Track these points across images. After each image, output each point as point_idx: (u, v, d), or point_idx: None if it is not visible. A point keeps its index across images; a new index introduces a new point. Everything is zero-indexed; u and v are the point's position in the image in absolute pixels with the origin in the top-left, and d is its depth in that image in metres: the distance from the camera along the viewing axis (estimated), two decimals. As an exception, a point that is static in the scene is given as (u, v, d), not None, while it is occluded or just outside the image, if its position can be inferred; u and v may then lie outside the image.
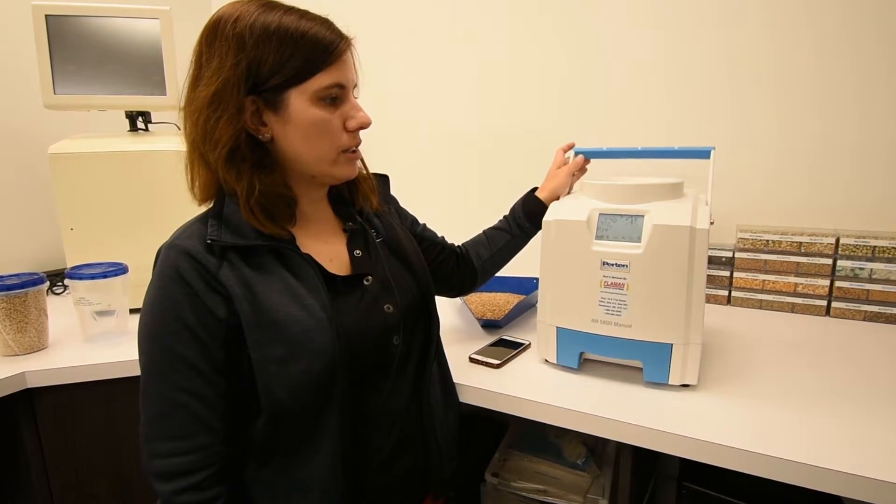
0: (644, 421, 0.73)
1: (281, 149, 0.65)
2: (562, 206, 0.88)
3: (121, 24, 1.22)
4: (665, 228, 0.77)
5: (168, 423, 0.62)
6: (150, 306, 0.63)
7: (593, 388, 0.83)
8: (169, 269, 0.62)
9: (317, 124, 0.64)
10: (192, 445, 0.63)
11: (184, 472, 0.62)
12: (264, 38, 0.61)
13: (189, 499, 0.62)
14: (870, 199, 1.16)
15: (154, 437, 0.63)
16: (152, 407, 0.63)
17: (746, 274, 1.21)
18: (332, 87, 0.64)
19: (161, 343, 0.62)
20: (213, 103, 0.61)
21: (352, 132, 0.68)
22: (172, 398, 0.62)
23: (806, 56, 1.17)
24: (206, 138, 0.62)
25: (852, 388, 0.82)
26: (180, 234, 0.66)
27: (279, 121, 0.64)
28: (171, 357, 0.62)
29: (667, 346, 0.79)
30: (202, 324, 0.62)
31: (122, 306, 1.06)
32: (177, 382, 0.62)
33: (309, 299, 0.64)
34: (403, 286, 0.76)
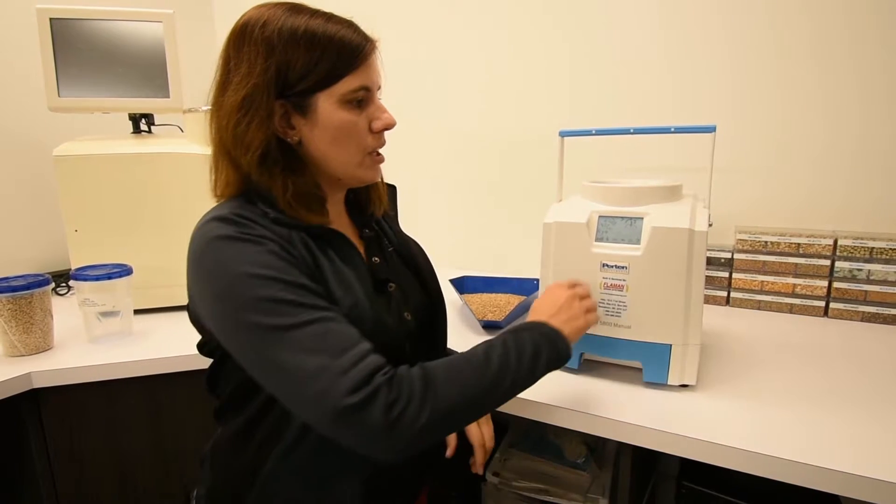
0: (643, 421, 0.74)
1: (308, 151, 0.66)
2: (562, 208, 0.89)
3: (124, 28, 1.22)
4: (664, 231, 0.78)
5: (334, 337, 0.55)
6: (251, 263, 0.56)
7: (593, 389, 0.84)
8: (244, 235, 0.58)
9: (344, 127, 0.65)
10: (366, 347, 0.57)
11: (378, 367, 0.55)
12: (292, 41, 0.61)
13: (391, 376, 0.55)
14: (868, 201, 1.17)
15: (323, 357, 0.54)
16: (302, 340, 0.54)
17: (745, 275, 1.22)
18: (359, 90, 0.64)
19: (280, 281, 0.56)
20: (243, 108, 0.61)
21: (377, 133, 0.68)
22: (320, 318, 0.56)
23: (806, 59, 1.18)
24: (237, 143, 0.62)
25: (850, 388, 0.83)
26: (228, 213, 0.61)
27: (307, 124, 0.64)
28: (296, 287, 0.57)
29: (666, 346, 0.80)
30: (301, 271, 0.60)
31: (127, 307, 1.07)
32: (315, 304, 0.57)
33: (359, 291, 0.65)
34: (416, 296, 0.77)
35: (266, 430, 0.65)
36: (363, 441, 0.53)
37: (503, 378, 0.61)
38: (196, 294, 0.62)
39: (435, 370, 0.58)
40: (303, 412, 0.55)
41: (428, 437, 0.55)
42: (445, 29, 1.55)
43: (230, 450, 0.69)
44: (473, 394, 0.58)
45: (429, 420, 0.54)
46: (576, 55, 1.40)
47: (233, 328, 0.57)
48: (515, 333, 0.66)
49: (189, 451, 1.05)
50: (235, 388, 0.67)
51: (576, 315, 0.72)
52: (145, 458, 1.03)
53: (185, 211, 1.20)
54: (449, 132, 1.60)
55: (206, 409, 1.04)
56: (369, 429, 0.52)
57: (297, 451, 0.65)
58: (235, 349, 0.58)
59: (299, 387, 0.53)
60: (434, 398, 0.55)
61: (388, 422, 0.52)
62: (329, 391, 0.52)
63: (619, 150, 1.37)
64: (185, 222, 1.18)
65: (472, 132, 1.57)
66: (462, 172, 1.61)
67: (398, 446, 0.54)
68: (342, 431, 0.53)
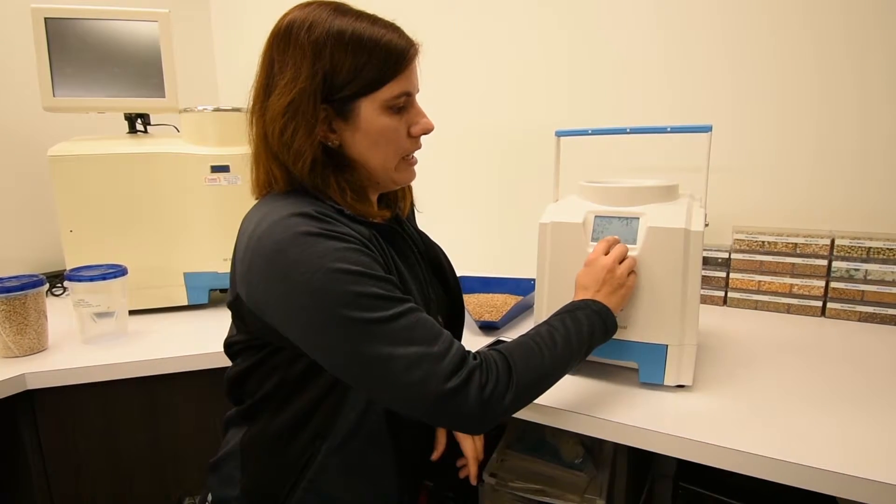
0: (639, 422, 0.73)
1: (348, 154, 0.66)
2: (558, 208, 0.89)
3: (120, 27, 1.22)
4: (660, 231, 0.78)
5: (423, 326, 0.58)
6: (341, 259, 0.57)
7: (589, 389, 0.84)
8: (331, 232, 0.59)
9: (385, 133, 0.65)
10: (450, 334, 0.60)
11: (466, 352, 0.60)
12: (339, 45, 0.60)
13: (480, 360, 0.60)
14: (865, 201, 1.17)
15: (420, 346, 0.56)
16: (398, 331, 0.56)
17: (742, 275, 1.22)
18: (402, 96, 0.65)
19: (370, 276, 0.57)
20: (289, 113, 0.61)
21: (415, 138, 0.69)
22: (408, 309, 0.58)
23: (804, 59, 1.18)
24: (285, 149, 0.62)
25: (847, 388, 0.82)
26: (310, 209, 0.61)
27: (348, 128, 0.64)
28: (383, 282, 0.58)
29: (662, 347, 0.80)
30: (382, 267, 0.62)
31: (122, 308, 1.07)
32: (401, 297, 0.59)
33: (415, 290, 0.69)
34: (441, 299, 0.79)
35: (318, 423, 0.66)
36: (460, 420, 0.57)
37: (567, 356, 0.65)
38: (264, 288, 0.59)
39: (513, 353, 0.62)
40: (401, 400, 0.57)
41: (511, 412, 0.61)
42: (444, 28, 1.55)
43: (272, 447, 0.68)
44: (545, 372, 0.63)
45: (514, 398, 0.59)
46: (575, 55, 1.40)
47: (322, 324, 0.56)
48: (571, 314, 0.70)
49: (186, 454, 1.05)
50: (277, 386, 0.66)
51: (620, 283, 0.75)
52: (141, 460, 1.03)
53: (181, 211, 1.21)
54: (446, 131, 1.60)
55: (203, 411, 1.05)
56: (467, 408, 0.56)
57: (348, 444, 0.66)
58: (320, 345, 0.58)
59: (401, 376, 0.55)
60: (517, 378, 0.60)
61: (482, 401, 0.57)
62: (431, 377, 0.55)
63: (618, 149, 1.36)
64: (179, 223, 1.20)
65: (470, 131, 1.56)
66: (459, 172, 1.60)
67: (488, 422, 0.58)
68: (441, 412, 0.56)
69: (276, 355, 0.65)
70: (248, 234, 0.61)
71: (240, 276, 0.63)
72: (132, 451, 1.02)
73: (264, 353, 0.66)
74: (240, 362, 0.70)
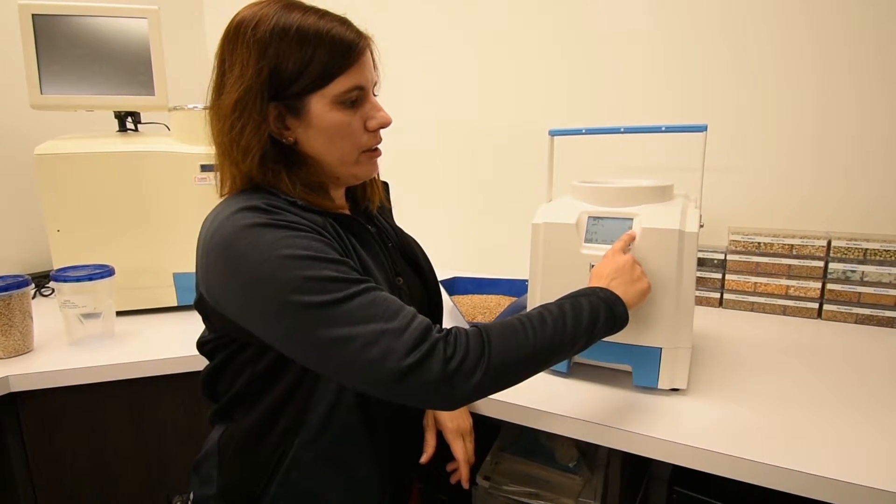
0: (632, 426, 0.72)
1: (304, 151, 0.66)
2: (551, 208, 0.87)
3: (108, 24, 1.20)
4: (653, 232, 0.77)
5: (382, 304, 0.56)
6: (289, 245, 0.56)
7: (583, 393, 0.83)
8: (279, 222, 0.58)
9: (338, 128, 0.64)
10: (412, 309, 0.58)
11: (430, 324, 0.57)
12: (285, 41, 0.60)
13: (445, 333, 0.57)
14: (862, 202, 1.16)
15: (378, 323, 0.55)
16: (354, 311, 0.55)
17: (738, 276, 1.21)
18: (353, 91, 0.64)
19: (322, 259, 0.57)
20: (237, 110, 0.61)
21: (372, 132, 0.68)
22: (364, 289, 0.57)
23: (802, 59, 1.16)
24: (234, 146, 0.63)
25: (844, 392, 0.81)
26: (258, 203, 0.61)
27: (301, 125, 0.64)
28: (337, 264, 0.57)
29: (656, 350, 0.79)
30: (337, 251, 0.61)
31: (108, 309, 1.05)
32: (357, 277, 0.58)
33: (380, 278, 0.67)
34: (418, 293, 0.77)
35: (289, 418, 0.65)
36: (423, 394, 0.55)
37: (558, 341, 0.62)
38: (219, 284, 0.60)
39: (490, 330, 0.59)
40: (364, 380, 0.55)
41: (482, 391, 0.57)
42: (438, 26, 1.54)
43: (246, 445, 0.68)
44: (526, 355, 0.59)
45: (484, 376, 0.56)
46: (570, 53, 1.38)
47: (276, 312, 0.56)
48: (573, 298, 0.67)
49: (173, 457, 1.03)
50: (247, 382, 0.66)
51: (637, 277, 0.73)
52: (127, 464, 1.01)
53: (171, 211, 1.19)
54: (441, 131, 1.59)
55: (191, 414, 1.04)
56: (429, 382, 0.54)
57: (321, 436, 0.65)
58: (278, 334, 0.57)
59: (360, 355, 0.54)
60: (489, 355, 0.57)
61: (447, 374, 0.54)
62: (390, 352, 0.54)
63: (615, 149, 1.35)
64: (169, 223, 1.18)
65: (465, 130, 1.55)
66: (454, 171, 1.59)
67: (456, 399, 0.56)
68: (403, 389, 0.54)
69: (243, 352, 0.65)
70: (203, 233, 0.63)
71: (200, 275, 0.64)
72: (118, 455, 1.01)
73: (232, 351, 0.66)
74: (212, 362, 0.70)
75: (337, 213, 0.67)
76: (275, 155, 0.64)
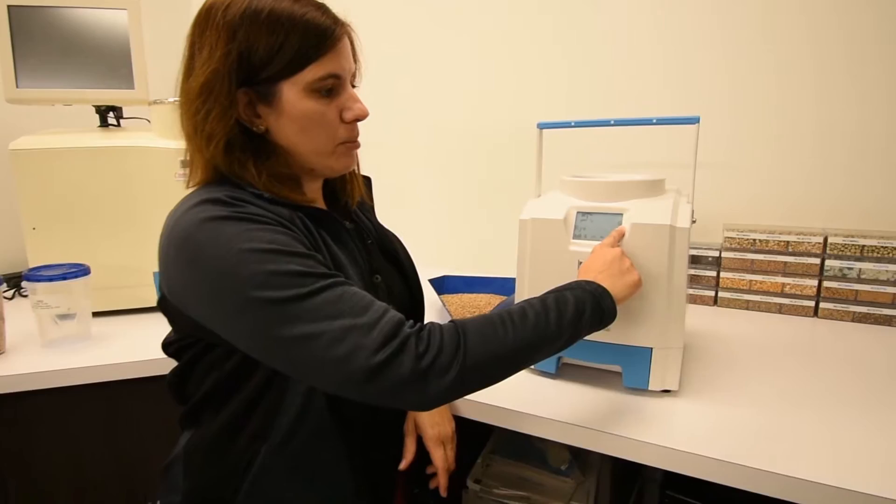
0: (622, 430, 0.69)
1: (276, 141, 0.63)
2: (539, 204, 0.85)
3: (86, 15, 1.17)
4: (644, 227, 0.74)
5: (350, 299, 0.53)
6: (251, 239, 0.53)
7: (572, 395, 0.80)
8: (241, 214, 0.55)
9: (311, 118, 0.62)
10: (384, 304, 0.55)
11: (402, 319, 0.54)
12: (255, 25, 0.58)
13: (418, 328, 0.54)
14: (859, 197, 1.14)
15: (346, 318, 0.52)
16: (320, 306, 0.52)
17: (733, 274, 1.18)
18: (327, 79, 0.61)
19: (286, 253, 0.54)
20: (203, 95, 0.59)
21: (349, 124, 0.65)
22: (331, 283, 0.54)
23: (798, 52, 1.14)
24: (198, 131, 0.60)
25: (840, 393, 0.79)
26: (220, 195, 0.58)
27: (272, 113, 0.61)
28: (303, 258, 0.55)
29: (646, 350, 0.76)
30: (305, 245, 0.58)
31: (84, 310, 1.02)
32: (325, 272, 0.55)
33: (354, 275, 0.64)
34: (398, 290, 0.75)
35: (256, 423, 0.62)
36: (395, 393, 0.51)
37: (540, 336, 0.59)
38: (180, 281, 0.57)
39: (467, 325, 0.56)
40: (332, 380, 0.52)
41: (458, 390, 0.54)
42: (428, 22, 1.51)
43: (212, 451, 0.65)
44: (507, 351, 0.56)
45: (459, 373, 0.53)
46: (562, 47, 1.35)
47: (238, 309, 0.53)
48: (558, 291, 0.64)
49: (150, 462, 1.00)
50: (214, 385, 0.64)
51: (626, 269, 0.70)
52: (103, 469, 0.98)
53: (150, 207, 1.15)
54: (434, 127, 1.56)
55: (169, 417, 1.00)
56: (400, 380, 0.51)
57: (291, 441, 0.62)
58: (241, 332, 0.54)
59: (326, 353, 0.51)
60: (465, 352, 0.53)
61: (419, 372, 0.51)
62: (359, 349, 0.50)
63: (611, 145, 1.32)
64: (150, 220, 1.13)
65: (458, 126, 1.52)
66: (446, 167, 1.56)
67: (431, 398, 0.53)
68: (373, 387, 0.51)
69: (209, 353, 0.62)
70: (164, 228, 0.60)
71: (161, 272, 0.61)
72: (93, 460, 0.97)
73: (198, 352, 0.63)
74: (179, 365, 0.67)
75: (309, 207, 0.64)
76: (243, 144, 0.61)
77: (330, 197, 0.75)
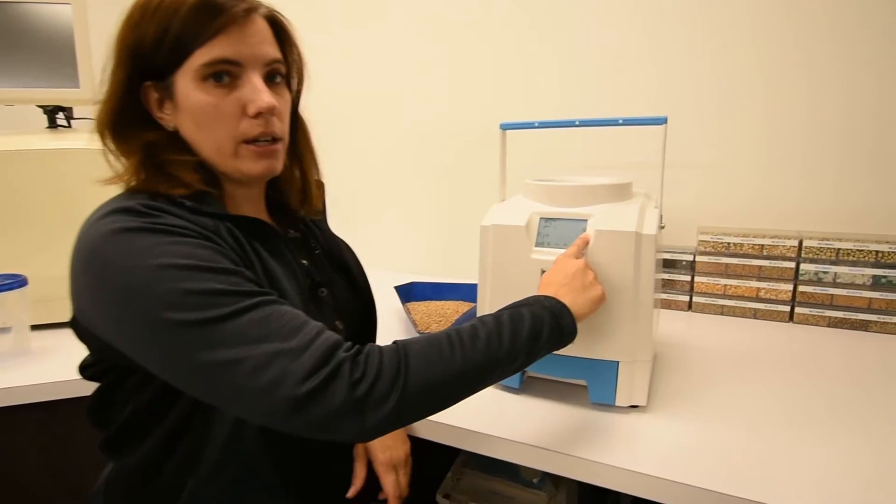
0: (585, 451, 0.65)
1: (187, 140, 0.58)
2: (501, 209, 0.80)
3: (29, 11, 1.10)
4: (608, 234, 0.70)
5: (279, 320, 0.48)
6: (165, 254, 0.48)
7: (536, 412, 0.75)
8: (156, 225, 0.50)
9: (203, 109, 0.55)
10: (319, 325, 0.50)
11: (337, 343, 0.49)
12: (147, 14, 0.54)
13: (355, 352, 0.49)
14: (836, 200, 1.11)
15: (272, 342, 0.46)
16: (242, 329, 0.47)
17: (707, 278, 1.15)
18: (219, 64, 0.54)
19: (206, 269, 0.48)
20: (112, 95, 0.56)
21: (253, 118, 0.57)
22: (258, 302, 0.48)
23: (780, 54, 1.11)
24: (113, 132, 0.57)
25: (819, 406, 0.76)
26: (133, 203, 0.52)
27: (174, 108, 0.56)
28: (225, 274, 0.49)
29: (612, 363, 0.72)
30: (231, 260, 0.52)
31: (21, 323, 0.95)
32: (251, 290, 0.49)
33: (290, 290, 0.58)
34: (347, 302, 0.70)
35: (182, 453, 0.57)
36: (327, 426, 0.46)
37: (492, 358, 0.54)
38: (88, 300, 0.52)
39: (410, 346, 0.51)
40: (257, 412, 0.47)
41: (399, 419, 0.49)
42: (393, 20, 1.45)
43: (135, 484, 0.59)
44: (453, 375, 0.51)
45: (400, 402, 0.48)
46: (529, 46, 1.31)
47: (150, 333, 0.47)
48: (514, 308, 0.59)
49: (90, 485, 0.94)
50: (135, 412, 0.58)
51: (589, 284, 0.65)
52: (39, 496, 0.91)
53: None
54: (398, 127, 1.50)
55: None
56: (333, 411, 0.46)
57: (221, 473, 0.57)
58: (154, 357, 0.49)
59: (248, 381, 0.45)
60: (406, 377, 0.49)
61: (354, 401, 0.46)
62: (284, 377, 0.45)
63: (582, 147, 1.28)
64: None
65: (423, 126, 1.47)
66: (414, 171, 1.51)
67: (366, 429, 0.47)
68: (302, 420, 0.46)
69: (126, 379, 0.57)
70: (75, 241, 0.54)
71: (70, 288, 0.55)
72: (29, 486, 0.91)
73: (116, 377, 0.58)
74: (98, 389, 0.61)
75: (239, 217, 0.58)
76: (162, 145, 0.56)
77: (276, 206, 0.69)
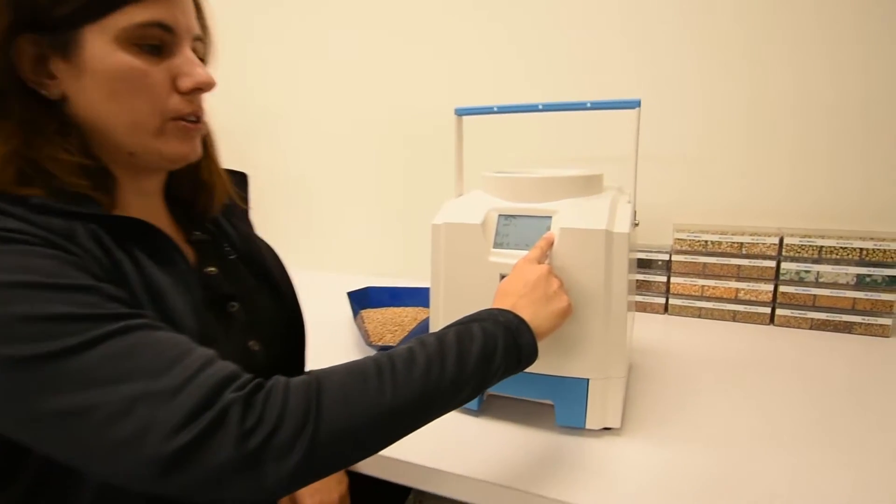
0: (550, 487, 0.56)
1: (79, 112, 0.46)
2: (456, 205, 0.70)
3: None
4: (575, 233, 0.60)
5: (148, 351, 0.38)
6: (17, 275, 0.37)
7: (496, 436, 0.66)
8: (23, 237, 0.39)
9: (127, 77, 0.45)
10: (207, 353, 0.39)
11: (228, 377, 0.38)
12: None
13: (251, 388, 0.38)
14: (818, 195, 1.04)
15: (136, 381, 0.36)
16: (97, 364, 0.36)
17: (684, 279, 1.07)
18: (152, 27, 0.45)
19: (49, 287, 0.37)
20: None
21: (185, 94, 0.48)
22: (122, 328, 0.38)
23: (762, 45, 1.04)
24: None
25: (805, 418, 0.68)
26: None
27: (71, 70, 0.44)
28: (76, 292, 0.38)
29: (582, 381, 0.63)
30: (89, 271, 0.41)
31: None
32: (115, 312, 0.39)
33: (179, 304, 0.46)
34: (268, 315, 0.58)
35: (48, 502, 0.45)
36: (209, 487, 0.35)
37: (432, 389, 0.44)
38: None
39: (326, 380, 0.41)
40: (111, 469, 0.36)
41: (309, 474, 0.38)
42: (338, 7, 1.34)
43: None
44: (380, 415, 0.41)
45: (308, 452, 0.37)
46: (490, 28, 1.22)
47: None
48: (463, 324, 0.49)
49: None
50: None
51: (553, 294, 0.56)
52: None
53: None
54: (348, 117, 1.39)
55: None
56: (216, 469, 0.35)
57: None
58: None
59: (101, 432, 0.35)
60: (318, 420, 0.38)
61: (245, 455, 0.35)
62: (150, 428, 0.35)
63: (547, 138, 1.20)
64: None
65: (375, 116, 1.36)
66: (364, 164, 1.40)
67: (265, 489, 0.36)
68: (175, 481, 0.35)
69: None
70: None
71: None
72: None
73: None
74: None
75: (109, 217, 0.46)
76: (16, 111, 0.44)
77: (177, 203, 0.57)
